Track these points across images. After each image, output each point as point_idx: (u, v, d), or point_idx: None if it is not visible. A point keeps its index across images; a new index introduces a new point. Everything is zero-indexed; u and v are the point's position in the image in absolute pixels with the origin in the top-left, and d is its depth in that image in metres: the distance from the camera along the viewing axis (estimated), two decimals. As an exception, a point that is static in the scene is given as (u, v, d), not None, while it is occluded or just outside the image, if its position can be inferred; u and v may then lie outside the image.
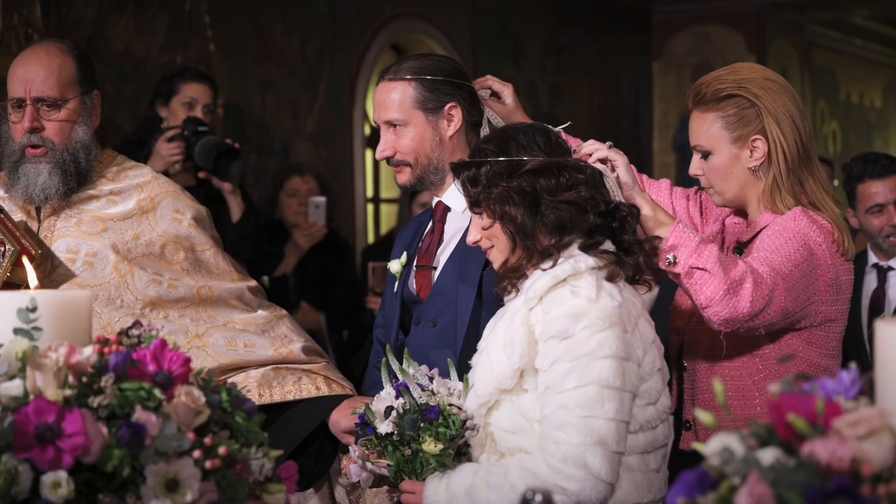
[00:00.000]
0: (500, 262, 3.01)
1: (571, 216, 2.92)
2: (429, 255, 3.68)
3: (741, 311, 3.07)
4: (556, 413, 2.77)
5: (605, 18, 11.60)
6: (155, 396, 2.05)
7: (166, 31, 7.68)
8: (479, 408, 2.91)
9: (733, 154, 3.39)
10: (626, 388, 2.81)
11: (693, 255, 3.05)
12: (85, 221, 3.71)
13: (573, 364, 2.78)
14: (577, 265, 2.88)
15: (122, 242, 3.69)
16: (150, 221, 3.75)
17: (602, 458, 2.76)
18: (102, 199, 3.76)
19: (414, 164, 3.61)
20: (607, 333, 2.80)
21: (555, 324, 2.81)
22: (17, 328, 2.06)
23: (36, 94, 3.67)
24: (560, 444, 2.75)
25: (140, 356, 2.10)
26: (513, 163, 2.95)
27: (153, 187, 3.83)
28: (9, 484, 1.91)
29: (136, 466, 2.00)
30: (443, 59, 3.78)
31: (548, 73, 11.09)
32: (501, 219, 2.94)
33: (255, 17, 8.31)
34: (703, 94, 3.43)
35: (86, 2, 7.22)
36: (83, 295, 2.19)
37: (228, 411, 2.17)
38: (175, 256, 3.75)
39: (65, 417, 1.96)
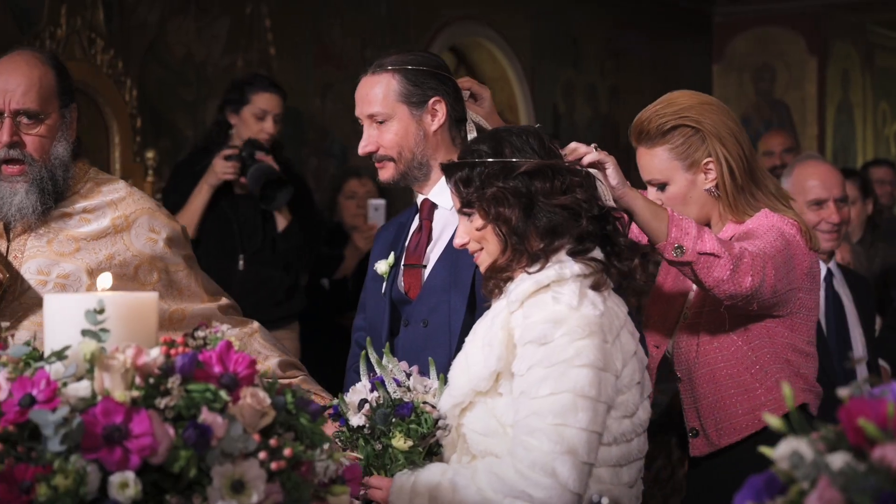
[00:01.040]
0: (487, 266, 2.98)
1: (564, 220, 2.89)
2: (418, 254, 3.63)
3: (745, 287, 3.16)
4: (529, 419, 2.74)
5: (664, 20, 11.55)
6: (221, 398, 2.06)
7: (227, 35, 7.72)
8: (452, 408, 2.89)
9: (689, 180, 3.50)
10: (602, 398, 2.77)
11: (698, 242, 3.12)
12: (57, 241, 3.52)
13: (549, 371, 2.74)
14: (563, 271, 2.85)
15: (95, 263, 3.50)
16: (125, 241, 3.59)
17: (571, 468, 2.72)
18: (76, 218, 3.56)
19: (398, 160, 3.56)
20: (586, 342, 2.77)
21: (534, 329, 2.78)
22: (85, 330, 2.07)
23: (16, 106, 3.45)
24: (530, 451, 2.72)
25: (206, 358, 2.11)
26: (507, 164, 2.91)
27: (128, 204, 3.65)
28: (77, 484, 1.92)
29: (203, 467, 2.01)
30: (426, 54, 3.75)
31: (607, 76, 11.06)
32: (496, 220, 2.90)
33: (315, 20, 8.34)
34: (647, 131, 3.52)
35: (148, 5, 7.27)
36: (150, 297, 2.20)
37: (293, 413, 2.18)
38: (149, 278, 3.60)
39: (132, 418, 1.97)
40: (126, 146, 6.99)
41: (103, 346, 2.05)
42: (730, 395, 3.47)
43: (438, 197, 3.61)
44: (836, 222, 4.91)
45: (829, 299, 4.95)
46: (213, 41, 7.66)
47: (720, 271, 3.13)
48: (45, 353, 2.13)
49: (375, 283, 3.70)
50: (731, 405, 3.47)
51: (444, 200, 3.59)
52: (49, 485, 1.92)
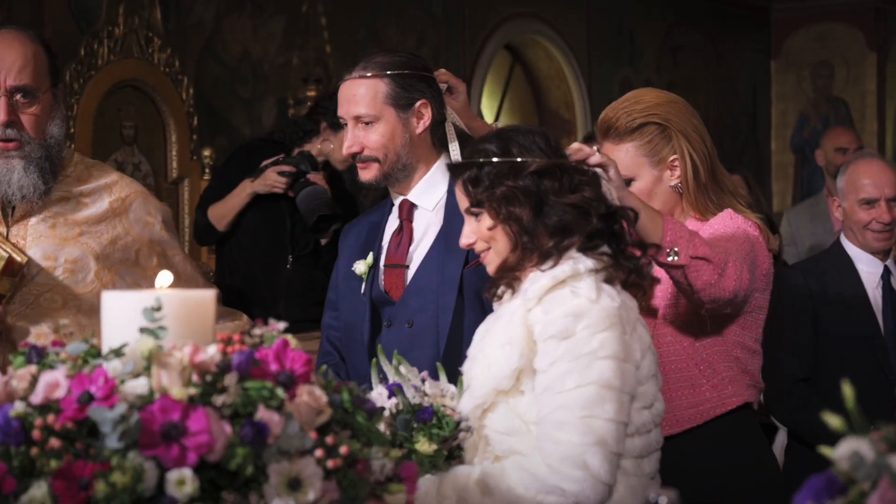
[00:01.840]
0: (496, 265, 2.96)
1: (574, 218, 2.89)
2: (400, 254, 3.62)
3: (728, 292, 3.23)
4: (556, 413, 2.74)
5: (722, 17, 11.48)
6: (277, 395, 2.06)
7: (283, 32, 7.76)
8: (474, 409, 2.87)
9: (655, 176, 3.56)
10: (625, 389, 2.78)
11: (691, 246, 3.17)
12: (59, 225, 3.42)
13: (573, 364, 2.75)
14: (577, 266, 2.85)
15: (100, 248, 3.42)
16: (125, 224, 3.51)
17: (602, 459, 2.71)
18: (73, 201, 3.47)
19: (382, 161, 3.56)
20: (608, 334, 2.77)
21: (555, 324, 2.78)
22: (142, 327, 2.08)
23: (13, 83, 3.34)
24: (560, 445, 2.71)
25: (263, 355, 2.11)
26: (516, 163, 2.91)
27: (122, 187, 3.57)
28: (135, 481, 1.93)
29: (259, 465, 2.01)
30: (412, 56, 3.74)
31: (663, 73, 11.01)
32: (507, 219, 2.90)
33: (371, 18, 8.35)
34: (616, 128, 3.56)
35: (204, 4, 7.31)
36: (207, 294, 2.21)
37: (350, 411, 2.17)
38: (149, 262, 3.51)
39: (189, 416, 1.97)
40: (183, 144, 7.04)
41: (161, 343, 2.06)
42: (676, 388, 3.50)
43: (419, 198, 3.63)
44: (886, 221, 4.87)
45: (885, 297, 4.91)
46: (269, 39, 7.70)
47: (709, 275, 3.19)
48: (102, 350, 2.14)
49: (350, 282, 3.69)
50: (676, 398, 3.49)
51: (424, 201, 3.62)
52: (107, 481, 1.93)
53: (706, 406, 3.46)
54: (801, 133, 12.04)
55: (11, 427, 2.01)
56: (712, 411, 3.48)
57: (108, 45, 6.67)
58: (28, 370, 2.12)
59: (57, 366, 2.11)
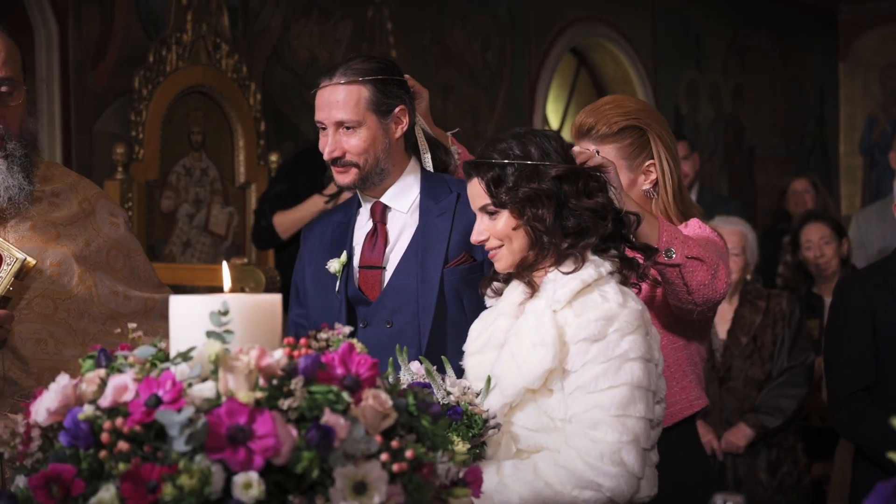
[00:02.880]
0: (507, 263, 3.06)
1: (591, 222, 3.00)
2: (375, 256, 3.66)
3: (719, 293, 3.31)
4: (591, 412, 2.87)
5: (789, 18, 11.39)
6: (343, 399, 2.06)
7: (349, 38, 7.78)
8: (502, 407, 2.96)
9: (631, 179, 3.57)
10: (651, 387, 2.93)
11: (685, 247, 3.25)
12: (38, 226, 3.24)
13: (606, 366, 2.88)
14: (600, 270, 2.98)
15: (77, 250, 3.27)
16: (94, 225, 3.35)
17: (636, 455, 2.87)
18: (45, 201, 3.29)
19: (362, 166, 3.60)
20: (635, 336, 2.91)
21: (588, 327, 2.89)
22: (209, 331, 2.10)
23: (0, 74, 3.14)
24: (597, 442, 2.85)
25: (328, 359, 2.12)
26: (539, 166, 3.01)
27: (84, 188, 3.41)
28: (202, 484, 1.94)
29: (325, 468, 2.02)
30: (390, 61, 3.76)
31: (730, 75, 10.94)
32: (531, 220, 2.99)
33: (436, 23, 8.36)
34: (597, 129, 3.59)
35: (271, 10, 7.35)
36: (273, 298, 2.22)
37: (415, 415, 2.18)
38: (116, 264, 3.38)
39: (256, 419, 1.98)
40: (250, 149, 7.08)
41: (228, 347, 2.07)
42: None
43: (393, 200, 3.68)
44: None
45: None
46: (336, 44, 7.73)
47: (703, 275, 3.27)
48: (170, 353, 2.15)
49: (321, 280, 3.72)
50: None
51: (398, 204, 3.68)
52: (174, 484, 1.94)
53: (677, 408, 3.53)
54: (869, 135, 11.92)
55: (80, 430, 2.03)
56: (681, 413, 3.54)
57: (177, 51, 6.73)
58: (97, 374, 2.14)
59: (125, 369, 2.12)
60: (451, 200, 3.67)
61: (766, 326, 5.92)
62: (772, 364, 5.92)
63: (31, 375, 3.09)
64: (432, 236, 3.64)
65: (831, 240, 7.00)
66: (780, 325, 5.92)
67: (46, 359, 3.12)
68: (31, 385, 3.05)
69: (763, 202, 10.82)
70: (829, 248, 6.99)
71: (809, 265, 7.07)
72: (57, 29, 6.38)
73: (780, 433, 5.91)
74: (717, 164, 10.84)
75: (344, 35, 7.78)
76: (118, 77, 6.60)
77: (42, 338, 3.15)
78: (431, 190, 3.70)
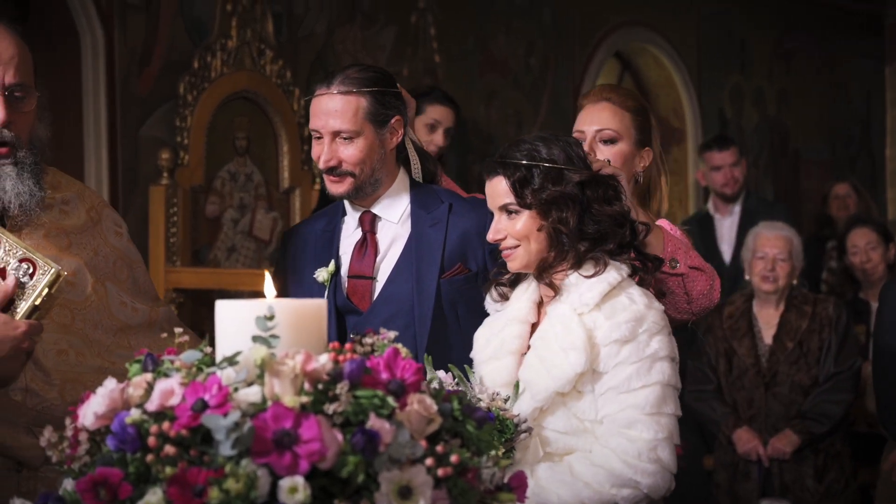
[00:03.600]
0: (522, 264, 3.11)
1: (609, 228, 3.06)
2: (365, 266, 3.64)
3: (715, 300, 3.45)
4: (625, 412, 2.94)
5: (834, 22, 11.33)
6: (388, 404, 2.07)
7: (393, 44, 7.79)
8: (532, 411, 3.00)
9: (632, 152, 3.66)
10: (677, 385, 3.03)
11: (688, 257, 3.37)
12: (51, 235, 3.17)
13: (638, 366, 2.95)
14: (622, 273, 3.05)
15: (88, 259, 3.20)
16: (101, 234, 3.29)
17: (670, 452, 2.96)
18: (56, 209, 3.22)
19: (358, 175, 3.59)
20: (661, 336, 2.99)
21: (619, 328, 2.96)
22: (255, 336, 2.10)
23: (12, 79, 3.04)
24: (634, 441, 2.92)
25: (374, 364, 2.12)
26: (564, 171, 3.06)
27: (89, 196, 3.34)
28: (248, 488, 1.95)
29: (371, 473, 2.02)
30: (385, 71, 3.74)
31: (775, 80, 10.89)
32: (556, 222, 3.03)
33: (480, 28, 8.36)
34: (613, 98, 3.70)
35: (316, 16, 7.37)
36: (318, 304, 2.22)
37: (460, 420, 2.18)
38: (122, 275, 3.31)
39: (301, 424, 1.99)
40: (294, 155, 7.10)
41: (273, 351, 2.08)
42: None
43: (384, 210, 3.67)
44: None
45: None
46: (380, 50, 7.74)
47: (703, 285, 3.39)
48: (216, 358, 2.16)
49: (305, 288, 3.68)
50: None
51: (389, 214, 3.66)
52: (221, 488, 1.95)
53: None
54: (917, 140, 11.83)
55: (128, 434, 2.04)
56: None
57: (221, 57, 6.75)
58: (144, 378, 2.15)
59: (172, 374, 2.13)
60: (444, 210, 3.66)
61: (812, 331, 5.89)
62: (818, 369, 5.89)
63: (53, 387, 3.05)
64: (426, 247, 3.63)
65: (878, 245, 6.97)
66: (827, 331, 5.89)
67: (68, 370, 3.08)
68: (54, 397, 3.03)
69: (808, 207, 10.76)
70: (876, 253, 6.96)
71: (856, 270, 7.04)
72: (103, 35, 6.42)
73: (826, 439, 5.88)
74: (762, 169, 10.79)
75: (387, 41, 7.79)
76: (163, 83, 6.64)
77: (63, 348, 3.11)
78: (422, 200, 3.69)
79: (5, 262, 2.89)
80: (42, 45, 6.24)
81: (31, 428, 2.96)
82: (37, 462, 2.99)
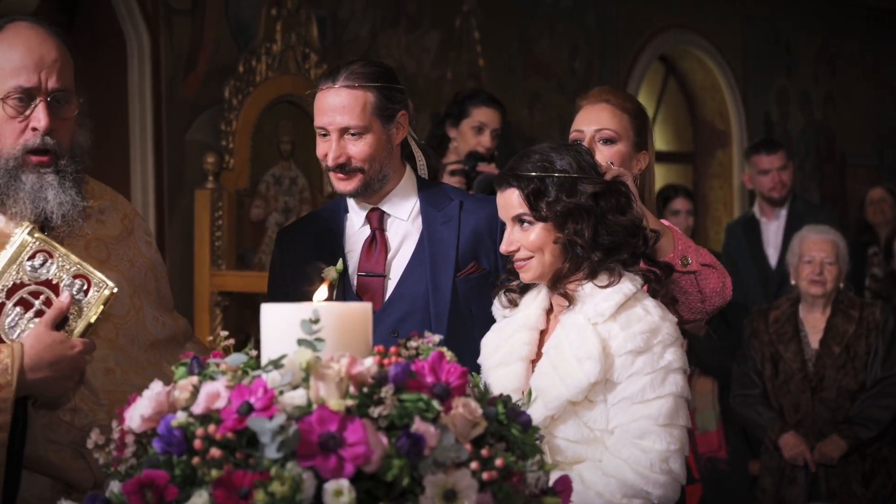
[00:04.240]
0: (535, 275, 3.08)
1: (624, 238, 3.04)
2: (375, 264, 3.58)
3: (727, 297, 3.44)
4: (639, 422, 2.93)
5: (880, 25, 11.26)
6: (433, 408, 2.07)
7: (437, 47, 7.80)
8: (543, 419, 2.96)
9: (629, 154, 3.64)
10: (689, 397, 3.02)
11: (699, 254, 3.37)
12: (91, 246, 3.07)
13: (652, 377, 2.94)
14: (636, 283, 3.03)
15: (126, 271, 3.09)
16: (135, 245, 3.18)
17: (681, 463, 2.95)
18: (93, 218, 3.11)
19: (367, 172, 3.52)
20: (674, 348, 2.98)
21: (634, 339, 2.94)
22: (300, 339, 2.11)
23: (55, 84, 2.94)
24: (647, 452, 2.90)
25: (418, 368, 2.12)
26: (578, 181, 3.04)
27: (122, 204, 3.24)
28: (293, 491, 1.95)
29: (415, 476, 2.02)
30: (387, 67, 3.68)
31: (821, 83, 10.83)
32: (572, 234, 3.01)
33: (524, 32, 8.36)
34: (612, 100, 3.68)
35: (360, 20, 7.39)
36: (363, 307, 2.23)
37: (504, 423, 2.18)
38: (150, 286, 3.19)
39: (346, 427, 1.99)
40: (338, 158, 7.10)
41: (318, 355, 2.08)
42: None
43: (393, 208, 3.61)
44: None
45: None
46: (424, 54, 7.75)
47: (715, 282, 3.39)
48: (261, 361, 2.17)
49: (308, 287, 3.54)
50: None
51: (398, 211, 3.61)
52: (266, 491, 1.95)
53: None
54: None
55: (174, 436, 2.05)
56: None
57: (266, 61, 6.78)
58: (189, 381, 2.16)
59: (217, 377, 2.14)
60: (454, 208, 3.62)
61: (859, 336, 5.85)
62: (865, 374, 5.84)
63: (101, 407, 2.96)
64: (439, 245, 3.58)
65: (924, 249, 6.93)
66: (874, 335, 5.84)
67: (114, 389, 2.98)
68: (102, 418, 2.88)
69: (854, 211, 10.70)
70: (922, 258, 6.91)
71: (902, 275, 6.99)
72: (149, 40, 6.46)
73: (873, 444, 5.84)
74: (808, 173, 10.73)
75: (432, 44, 7.80)
76: (209, 87, 6.67)
77: (110, 367, 3.03)
78: (431, 197, 3.65)
79: (59, 277, 2.86)
80: (88, 51, 6.28)
81: (80, 449, 2.89)
82: (86, 484, 2.92)
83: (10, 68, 2.92)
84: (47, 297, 2.85)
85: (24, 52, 2.92)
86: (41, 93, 2.93)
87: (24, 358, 2.76)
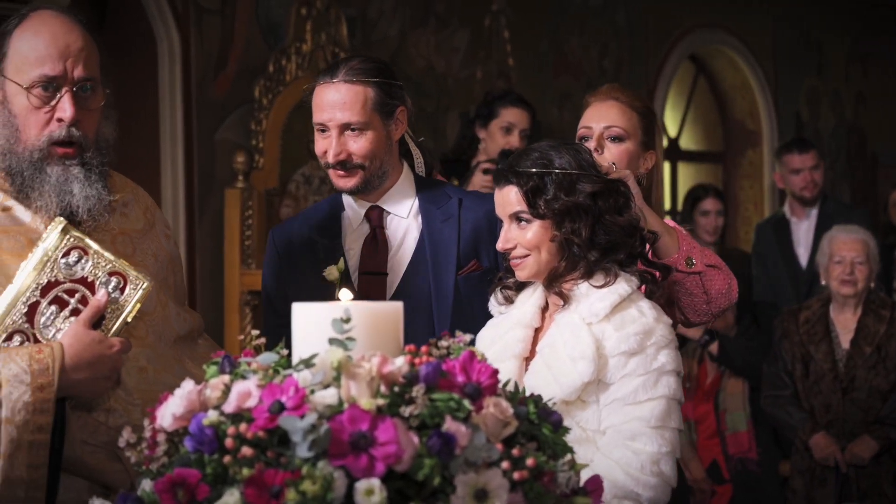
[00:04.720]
0: (532, 273, 3.06)
1: (621, 238, 3.03)
2: (377, 262, 3.56)
3: (733, 298, 3.43)
4: (630, 424, 2.92)
5: (912, 24, 11.20)
6: (464, 407, 2.07)
7: (466, 47, 7.80)
8: None
9: (637, 153, 3.62)
10: (682, 399, 3.01)
11: (703, 255, 3.37)
12: (118, 241, 3.00)
13: (644, 378, 2.92)
14: (632, 284, 3.02)
15: (152, 266, 3.04)
16: (157, 239, 3.13)
17: (672, 466, 2.94)
18: (118, 213, 3.04)
19: (367, 168, 3.49)
20: (668, 350, 2.97)
21: (628, 341, 2.93)
22: (332, 338, 2.11)
23: (81, 73, 2.86)
24: (638, 454, 2.89)
25: (449, 367, 2.12)
26: (576, 180, 3.02)
27: (143, 197, 3.17)
28: (324, 490, 1.95)
29: (446, 476, 2.02)
30: (386, 62, 3.66)
31: (852, 83, 10.78)
32: (570, 233, 3.00)
33: (553, 31, 8.35)
34: (621, 98, 3.66)
35: (389, 19, 7.40)
36: (395, 306, 2.23)
37: (535, 423, 2.18)
38: (170, 280, 3.14)
39: (377, 426, 1.99)
40: (368, 158, 7.11)
41: (350, 354, 2.08)
42: None
43: (393, 205, 3.59)
44: None
45: None
46: (453, 53, 7.75)
47: (721, 283, 3.38)
48: (292, 360, 2.17)
49: (306, 286, 3.51)
50: None
51: (397, 209, 3.59)
52: (297, 490, 1.96)
53: None
54: None
55: (205, 435, 2.05)
56: None
57: (296, 61, 6.79)
58: (221, 380, 2.16)
59: (249, 376, 2.15)
60: (454, 205, 3.60)
61: (890, 336, 5.83)
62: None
63: (135, 407, 2.92)
64: (440, 242, 3.56)
65: (955, 250, 6.89)
66: (906, 335, 5.82)
67: (147, 388, 2.93)
68: (137, 417, 2.83)
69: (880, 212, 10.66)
70: (954, 259, 6.88)
71: (933, 276, 6.96)
72: (179, 40, 6.48)
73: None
74: (839, 172, 10.69)
75: (461, 43, 7.80)
76: (239, 87, 6.69)
77: (142, 365, 2.98)
78: (430, 194, 3.62)
79: (94, 275, 2.82)
80: (119, 51, 6.31)
81: (115, 451, 2.84)
82: (123, 486, 2.88)
83: (34, 57, 2.84)
84: (83, 296, 2.81)
85: (49, 40, 2.84)
86: (67, 82, 2.85)
87: (64, 358, 2.73)
